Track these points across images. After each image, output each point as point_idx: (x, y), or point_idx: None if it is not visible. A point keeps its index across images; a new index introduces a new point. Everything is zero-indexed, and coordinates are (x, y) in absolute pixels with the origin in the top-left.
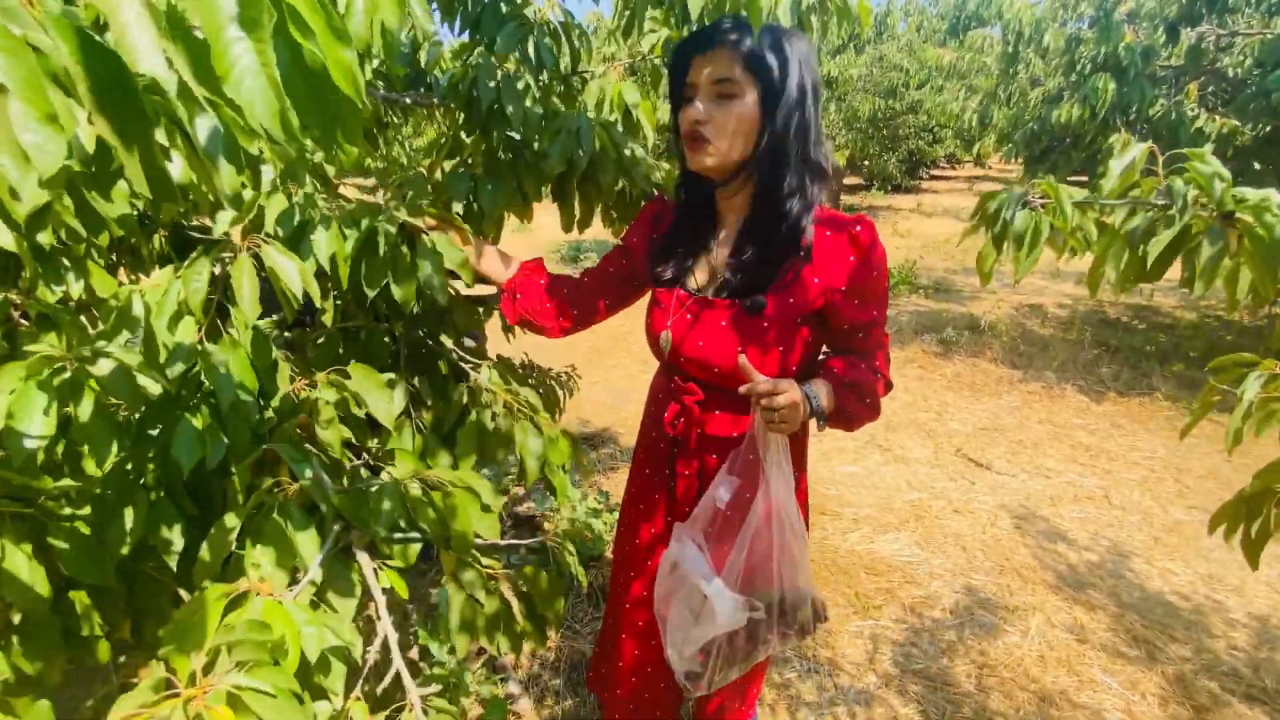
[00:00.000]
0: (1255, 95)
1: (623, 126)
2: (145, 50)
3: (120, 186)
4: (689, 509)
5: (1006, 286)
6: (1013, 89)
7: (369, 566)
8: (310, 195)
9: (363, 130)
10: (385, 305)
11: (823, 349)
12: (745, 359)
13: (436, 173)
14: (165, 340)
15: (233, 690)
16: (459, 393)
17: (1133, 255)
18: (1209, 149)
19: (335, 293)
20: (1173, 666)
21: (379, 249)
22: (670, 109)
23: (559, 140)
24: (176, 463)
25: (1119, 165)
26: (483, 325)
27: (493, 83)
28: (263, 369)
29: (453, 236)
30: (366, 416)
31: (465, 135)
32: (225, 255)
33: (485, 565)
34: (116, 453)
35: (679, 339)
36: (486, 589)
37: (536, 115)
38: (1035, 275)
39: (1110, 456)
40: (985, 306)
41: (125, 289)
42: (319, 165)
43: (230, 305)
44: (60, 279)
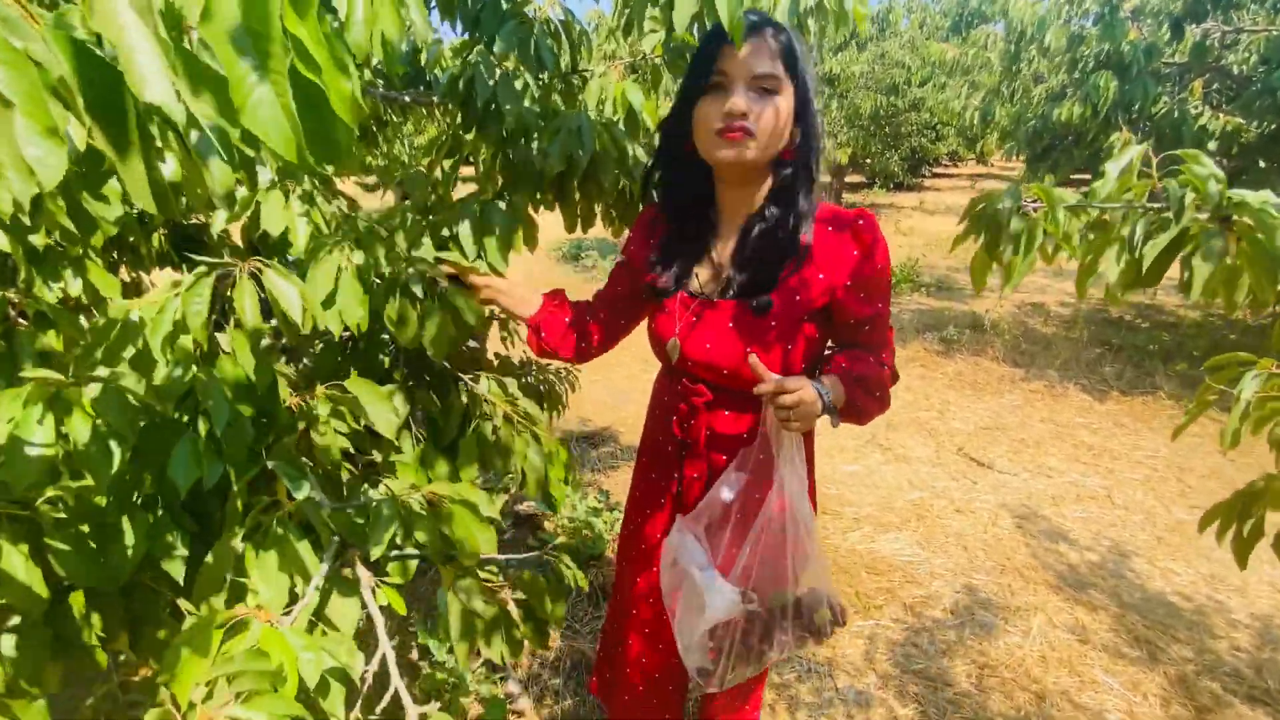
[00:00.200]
0: (1260, 93)
1: (625, 126)
2: (152, 79)
3: (113, 186)
4: None
5: None
6: (1015, 86)
7: (367, 585)
8: (309, 194)
9: (356, 135)
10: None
11: (827, 344)
12: (756, 359)
13: (436, 171)
14: (161, 360)
15: None
16: (459, 402)
17: (1129, 259)
18: (1213, 147)
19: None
20: (1174, 667)
21: (413, 301)
22: (681, 99)
23: (559, 139)
24: (174, 485)
25: (1116, 168)
26: (484, 334)
27: (491, 81)
28: (263, 388)
29: (475, 281)
30: (366, 427)
31: (463, 133)
32: (225, 273)
33: (483, 577)
34: (116, 468)
35: (686, 342)
36: (485, 599)
37: (535, 114)
38: (1037, 274)
39: (1113, 456)
40: (987, 305)
41: (121, 305)
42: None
43: (228, 322)
44: (58, 277)
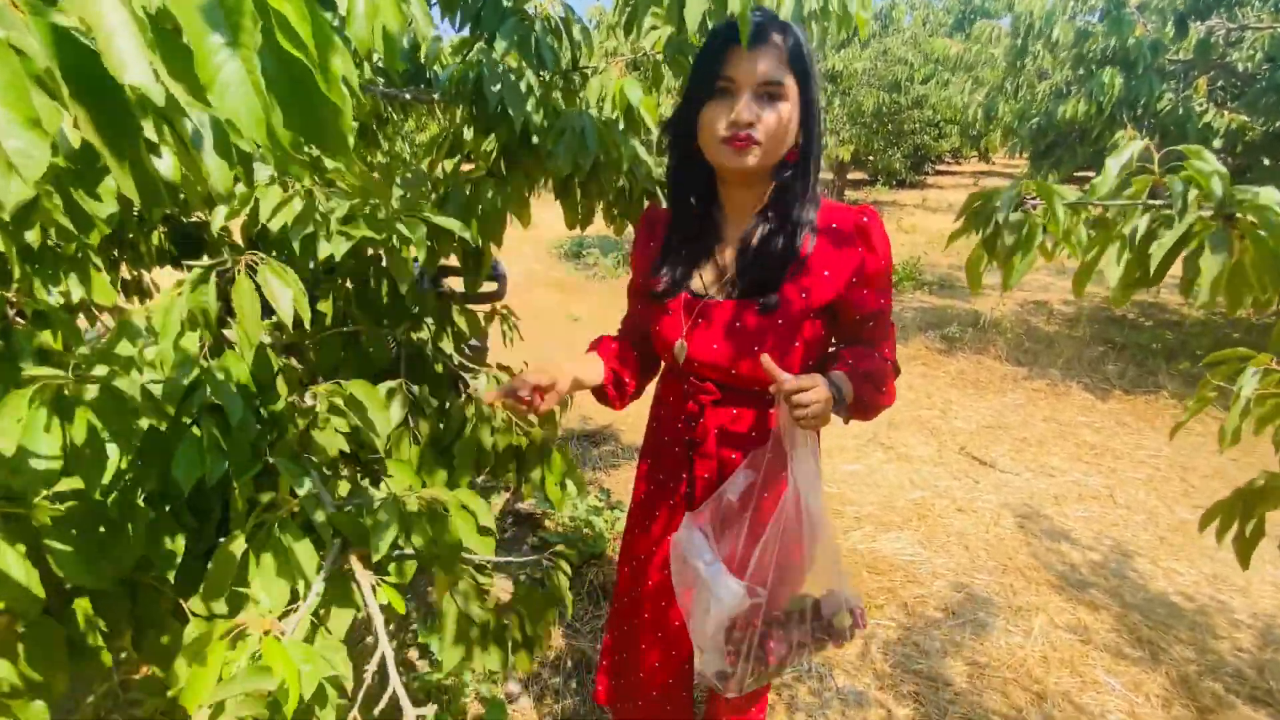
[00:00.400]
0: (1265, 90)
1: (624, 123)
2: (131, 60)
3: (108, 184)
4: None
5: None
6: (1019, 82)
7: (367, 584)
8: (309, 190)
9: (354, 130)
10: (386, 308)
11: (830, 341)
12: (768, 358)
13: (437, 169)
14: (167, 359)
15: None
16: (458, 406)
17: (1131, 259)
18: (1217, 145)
19: (332, 292)
20: (1176, 667)
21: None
22: (686, 101)
23: (564, 141)
24: (177, 483)
25: (1116, 164)
26: (484, 331)
27: (497, 87)
28: (263, 382)
29: (541, 383)
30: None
31: (470, 132)
32: (225, 268)
33: (480, 582)
34: (116, 467)
35: (692, 342)
36: (481, 604)
37: (539, 117)
38: (1040, 272)
39: (1115, 455)
40: (989, 303)
41: (140, 311)
42: (317, 159)
43: (231, 319)
44: (57, 280)
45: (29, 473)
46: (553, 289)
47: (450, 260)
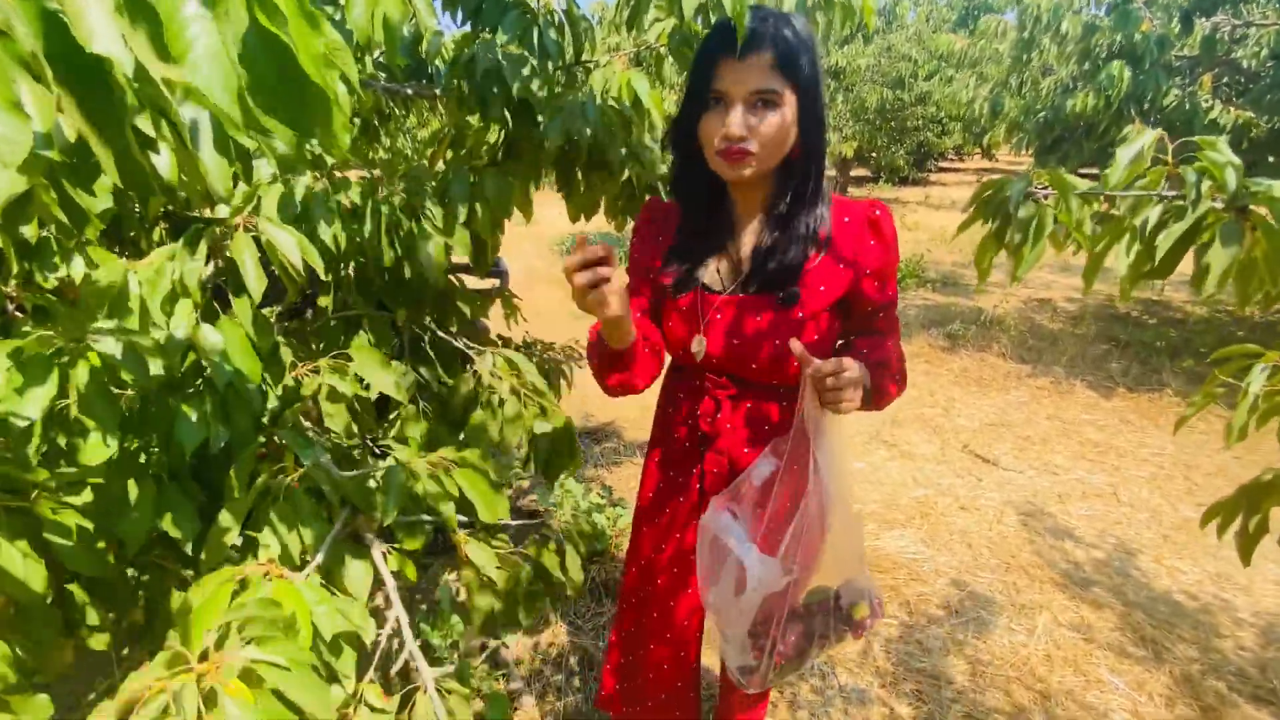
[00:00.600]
0: (1270, 87)
1: (633, 114)
2: (100, 29)
3: (104, 181)
4: None
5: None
6: (1025, 78)
7: (378, 551)
8: (310, 186)
9: (349, 122)
10: (387, 290)
11: (839, 334)
12: (798, 344)
13: (439, 164)
14: (160, 321)
15: (248, 665)
16: (465, 380)
17: (1141, 250)
18: (1223, 140)
19: (335, 278)
20: (1180, 666)
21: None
22: (685, 106)
23: (560, 116)
24: (180, 447)
25: (1127, 154)
26: (485, 313)
27: (494, 55)
28: (265, 352)
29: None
30: (374, 403)
31: (466, 113)
32: (222, 232)
33: (495, 544)
34: (119, 438)
35: (710, 337)
36: (498, 564)
37: (537, 86)
38: (1043, 269)
39: (1119, 453)
40: (993, 300)
41: (119, 265)
42: (319, 157)
43: (228, 288)
44: (54, 268)
45: (11, 425)
46: (554, 286)
47: (457, 257)
